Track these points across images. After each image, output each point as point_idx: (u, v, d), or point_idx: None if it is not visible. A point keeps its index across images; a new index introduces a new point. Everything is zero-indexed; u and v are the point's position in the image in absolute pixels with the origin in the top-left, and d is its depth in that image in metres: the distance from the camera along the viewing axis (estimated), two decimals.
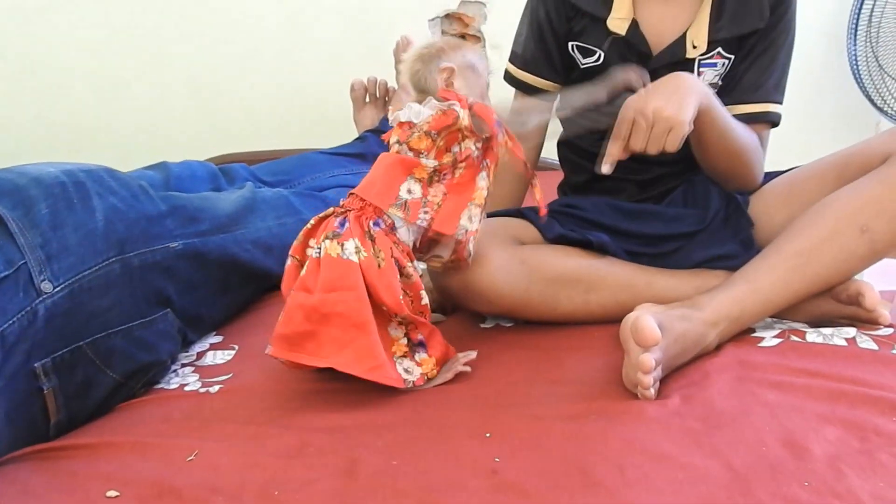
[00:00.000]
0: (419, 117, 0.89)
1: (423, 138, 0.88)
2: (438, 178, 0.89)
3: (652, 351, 0.81)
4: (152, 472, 0.76)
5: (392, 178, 0.88)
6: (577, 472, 0.70)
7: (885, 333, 0.92)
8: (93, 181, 0.95)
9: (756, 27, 1.08)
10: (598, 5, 1.09)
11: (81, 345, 0.88)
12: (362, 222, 0.86)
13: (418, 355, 0.88)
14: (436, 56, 0.92)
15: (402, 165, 0.89)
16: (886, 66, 1.84)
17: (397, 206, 0.87)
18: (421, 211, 0.88)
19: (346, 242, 0.84)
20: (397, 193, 0.88)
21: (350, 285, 0.83)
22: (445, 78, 0.91)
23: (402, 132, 0.90)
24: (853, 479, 0.65)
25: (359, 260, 0.84)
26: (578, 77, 1.16)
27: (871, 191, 0.94)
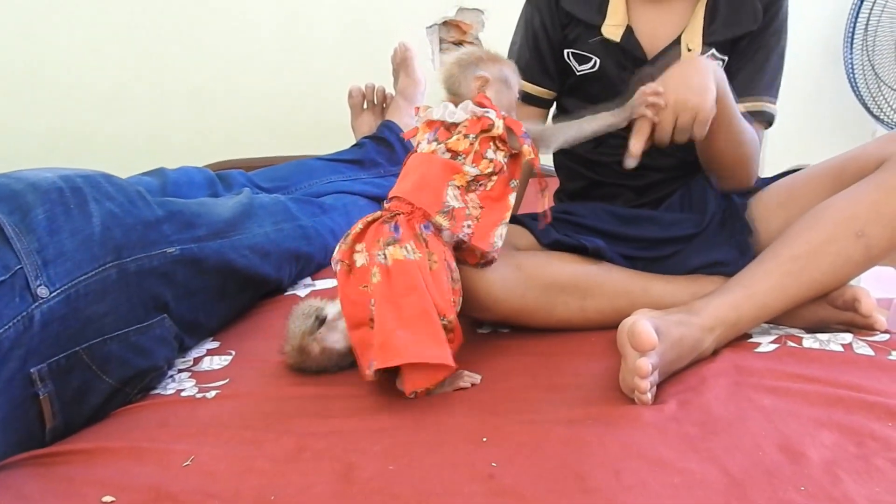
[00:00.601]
0: (453, 117, 0.89)
1: (461, 140, 0.88)
2: (475, 187, 0.89)
3: (649, 356, 0.81)
4: (148, 477, 0.75)
5: (439, 183, 0.88)
6: (573, 476, 0.70)
7: (882, 339, 0.92)
8: (90, 187, 0.95)
9: (749, 29, 1.08)
10: (593, 13, 1.10)
11: (78, 350, 0.88)
12: (413, 225, 0.87)
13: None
14: (473, 63, 0.94)
15: (447, 170, 0.89)
16: (883, 74, 1.85)
17: (444, 214, 0.88)
18: (465, 222, 0.88)
19: (408, 244, 0.85)
20: (444, 199, 0.88)
21: (417, 284, 0.84)
22: (479, 86, 0.92)
23: (441, 132, 0.90)
24: (849, 484, 0.65)
25: (415, 260, 0.85)
26: (574, 84, 1.16)
27: (867, 196, 0.94)
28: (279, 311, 1.19)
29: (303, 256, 1.28)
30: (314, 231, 1.31)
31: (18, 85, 1.97)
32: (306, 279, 1.32)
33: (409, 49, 1.72)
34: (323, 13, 1.94)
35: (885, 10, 1.81)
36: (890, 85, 1.86)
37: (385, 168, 1.59)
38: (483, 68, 0.94)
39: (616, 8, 1.09)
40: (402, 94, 1.71)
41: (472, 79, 0.93)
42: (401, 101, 1.70)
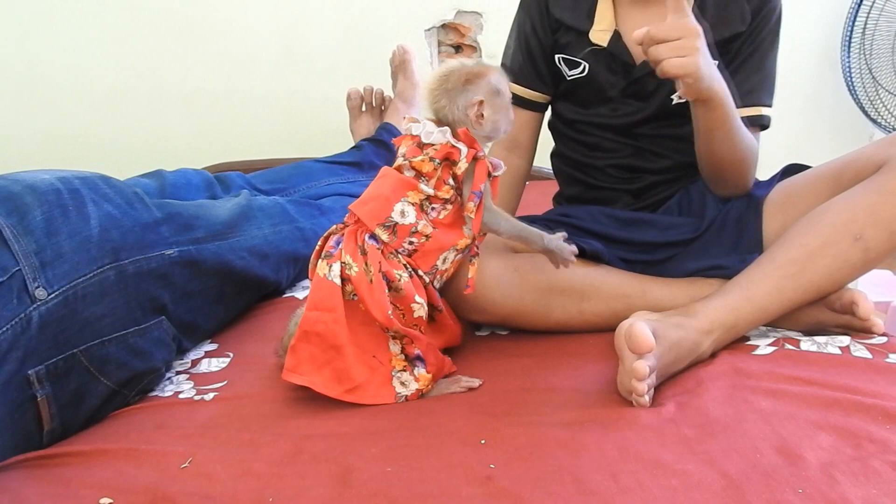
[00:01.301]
0: (429, 138, 0.89)
1: (427, 162, 0.88)
2: (428, 208, 0.89)
3: (646, 358, 0.81)
4: (146, 479, 0.75)
5: (387, 197, 0.88)
6: (571, 479, 0.70)
7: (879, 342, 0.92)
8: (88, 188, 0.95)
9: (738, 31, 1.08)
10: (582, 18, 1.10)
11: (75, 352, 0.87)
12: (357, 237, 0.87)
13: (417, 370, 0.89)
14: (461, 89, 0.90)
15: (401, 185, 0.89)
16: (880, 77, 1.86)
17: (385, 227, 0.88)
18: (407, 239, 0.88)
19: (334, 264, 0.86)
20: (389, 214, 0.88)
21: (330, 306, 0.86)
22: (476, 112, 0.90)
23: (413, 149, 0.90)
24: (847, 486, 0.65)
25: (351, 275, 0.85)
26: (566, 89, 1.16)
27: (865, 199, 0.95)
28: (277, 313, 1.19)
29: (301, 258, 1.28)
30: (312, 233, 1.30)
31: (17, 86, 1.97)
32: (304, 281, 1.31)
33: (408, 52, 1.72)
34: (322, 16, 1.94)
35: (882, 14, 1.81)
36: (887, 88, 1.86)
37: None
38: (473, 90, 0.90)
39: (603, 13, 1.10)
40: (400, 96, 1.71)
41: (467, 106, 0.90)
42: (399, 103, 1.71)
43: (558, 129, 1.23)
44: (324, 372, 0.86)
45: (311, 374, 0.86)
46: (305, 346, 0.86)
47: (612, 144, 1.15)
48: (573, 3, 1.12)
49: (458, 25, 1.98)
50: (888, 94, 1.87)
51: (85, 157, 1.76)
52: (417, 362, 0.89)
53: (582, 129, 1.18)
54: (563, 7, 1.12)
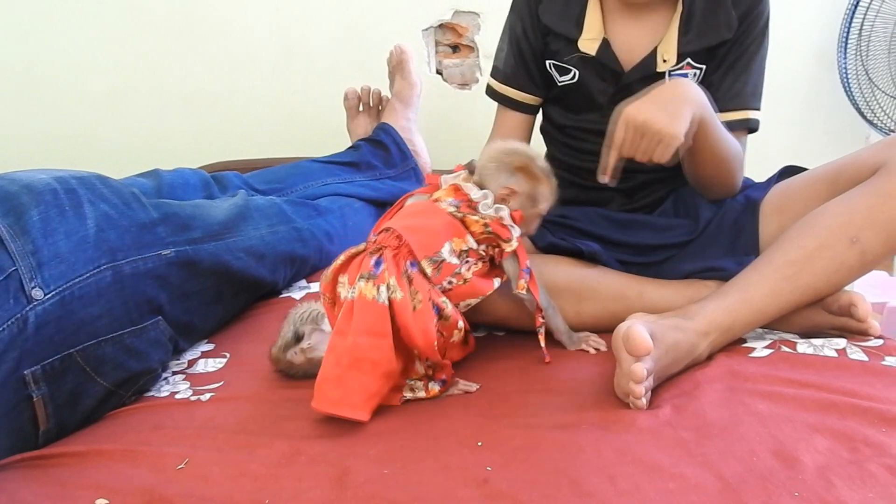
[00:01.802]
0: (486, 210, 0.89)
1: (478, 224, 0.89)
2: (466, 259, 0.89)
3: (643, 360, 0.81)
4: (142, 480, 0.75)
5: (438, 233, 0.87)
6: (568, 481, 0.70)
7: (875, 345, 0.92)
8: (84, 188, 0.95)
9: (724, 38, 1.08)
10: (571, 26, 1.10)
11: (72, 352, 0.87)
12: (399, 262, 0.84)
13: (432, 385, 0.88)
14: (509, 170, 0.92)
15: (451, 228, 0.88)
16: (876, 79, 1.86)
17: (431, 262, 0.86)
18: (448, 279, 0.88)
19: (382, 286, 0.82)
20: (438, 250, 0.87)
21: (384, 331, 0.82)
22: (505, 194, 0.91)
23: (465, 206, 0.90)
24: (843, 489, 0.66)
25: (395, 299, 0.82)
26: (557, 94, 1.16)
27: (863, 202, 0.95)
28: (274, 313, 1.19)
29: (298, 259, 1.28)
30: (309, 233, 1.30)
31: (15, 86, 1.96)
32: (301, 281, 1.31)
33: (405, 52, 1.72)
34: (321, 16, 1.94)
35: (878, 16, 1.81)
36: (884, 90, 1.87)
37: (381, 170, 1.59)
38: (516, 181, 0.91)
39: (592, 22, 1.09)
40: (397, 96, 1.71)
41: (501, 185, 0.91)
42: (396, 103, 1.70)
43: (549, 134, 1.24)
44: (374, 401, 0.83)
45: (363, 407, 0.82)
46: (357, 376, 0.81)
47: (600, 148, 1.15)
48: (562, 10, 1.11)
49: (455, 25, 1.98)
50: (884, 96, 1.87)
51: (84, 156, 1.75)
52: (435, 381, 0.89)
53: (573, 134, 1.18)
54: (553, 13, 1.12)
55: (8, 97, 1.96)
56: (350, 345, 0.82)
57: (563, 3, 1.12)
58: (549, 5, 1.12)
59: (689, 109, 0.95)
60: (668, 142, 0.92)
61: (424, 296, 0.84)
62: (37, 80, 1.95)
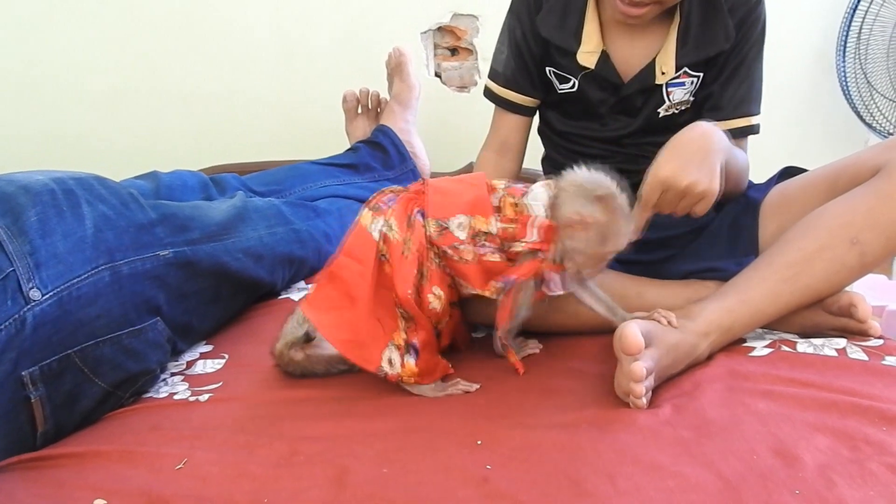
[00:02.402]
0: (528, 199, 0.87)
1: (511, 208, 0.87)
2: (480, 239, 0.88)
3: (643, 360, 0.81)
4: (140, 480, 0.75)
5: (459, 204, 0.87)
6: (567, 481, 0.70)
7: (875, 344, 0.92)
8: (82, 189, 0.95)
9: (721, 49, 1.08)
10: (569, 39, 1.10)
11: (70, 353, 0.87)
12: (409, 206, 0.87)
13: (407, 358, 0.88)
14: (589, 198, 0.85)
15: (479, 204, 0.87)
16: (875, 83, 1.86)
17: (437, 224, 0.87)
18: (447, 247, 0.87)
19: (379, 219, 0.87)
20: (450, 217, 0.87)
21: (362, 258, 0.86)
22: (575, 221, 0.85)
23: (510, 195, 0.89)
24: (843, 488, 0.65)
25: (390, 238, 0.86)
26: (556, 99, 1.16)
27: (862, 203, 0.95)
28: (273, 314, 1.19)
29: (296, 260, 1.27)
30: (308, 235, 1.30)
31: (14, 88, 1.96)
32: (300, 283, 1.31)
33: (404, 54, 1.72)
34: (319, 18, 1.94)
35: (877, 19, 1.82)
36: (882, 93, 1.87)
37: (379, 172, 1.59)
38: (591, 210, 0.85)
39: (590, 35, 1.09)
40: (396, 98, 1.71)
41: (574, 211, 0.85)
42: (395, 105, 1.70)
43: (548, 136, 1.23)
44: (332, 315, 0.87)
45: (320, 313, 0.87)
46: (327, 286, 0.88)
47: (601, 153, 1.15)
48: (559, 22, 1.11)
49: (454, 28, 1.98)
50: (883, 99, 1.87)
51: (83, 158, 1.76)
52: (411, 351, 0.88)
53: (572, 139, 1.18)
54: (550, 26, 1.11)
55: (7, 97, 1.96)
56: (334, 261, 0.88)
57: (559, 15, 1.11)
58: (547, 17, 1.11)
59: (720, 160, 0.94)
60: (710, 199, 0.92)
61: (415, 247, 0.86)
62: (36, 80, 1.95)
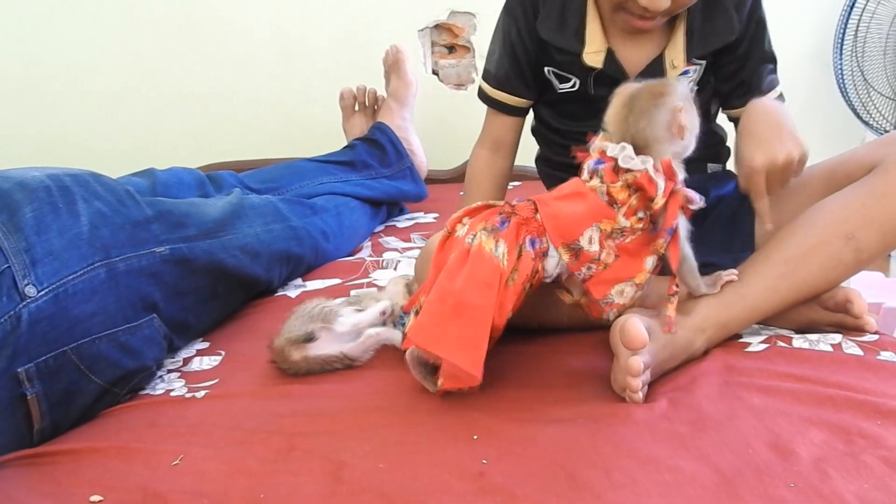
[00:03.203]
0: (627, 163, 0.84)
1: (624, 190, 0.84)
2: (617, 235, 0.86)
3: (641, 354, 0.81)
4: (137, 477, 0.75)
5: (581, 219, 0.85)
6: (564, 475, 0.70)
7: (871, 340, 0.92)
8: (78, 185, 0.95)
9: (727, 41, 1.08)
10: (572, 41, 1.09)
11: (66, 350, 0.87)
12: (520, 233, 0.83)
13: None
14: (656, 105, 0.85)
15: (598, 211, 0.85)
16: (872, 80, 1.87)
17: (568, 249, 0.84)
18: (586, 265, 0.85)
19: (501, 240, 0.82)
20: (577, 238, 0.84)
21: (493, 283, 0.81)
22: (678, 122, 0.84)
23: (609, 172, 0.85)
24: (838, 480, 0.66)
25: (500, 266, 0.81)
26: (554, 99, 1.16)
27: (858, 199, 0.95)
28: (269, 312, 1.19)
29: (293, 257, 1.27)
30: (305, 232, 1.30)
31: (13, 88, 1.96)
32: (297, 280, 1.31)
33: (401, 51, 1.72)
34: (319, 17, 1.95)
35: (874, 17, 1.82)
36: (879, 90, 1.87)
37: (376, 170, 1.59)
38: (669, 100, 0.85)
39: (594, 34, 1.08)
40: (393, 96, 1.71)
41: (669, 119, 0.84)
42: (392, 103, 1.71)
43: (543, 136, 1.23)
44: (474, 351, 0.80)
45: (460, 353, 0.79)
46: (456, 320, 0.79)
47: None
48: (559, 24, 1.10)
49: (451, 26, 1.98)
50: (880, 97, 1.87)
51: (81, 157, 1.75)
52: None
53: (571, 137, 1.17)
54: (551, 29, 1.10)
55: (5, 98, 1.96)
56: (458, 288, 0.80)
57: (559, 17, 1.10)
58: (546, 20, 1.10)
59: (791, 121, 0.98)
60: (806, 158, 0.96)
61: (521, 279, 0.83)
62: (34, 81, 1.96)
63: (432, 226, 1.56)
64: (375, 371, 0.95)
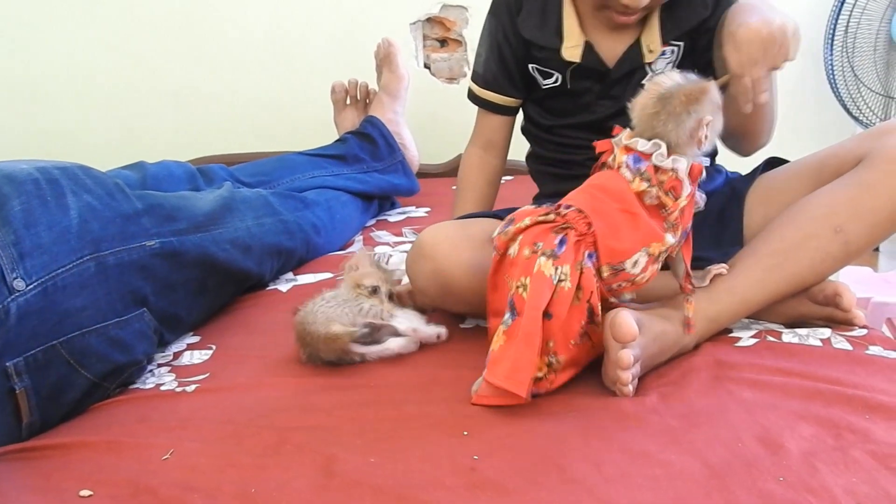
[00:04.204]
0: (662, 161, 0.84)
1: (668, 198, 0.85)
2: (662, 255, 0.87)
3: (631, 347, 0.81)
4: (127, 471, 0.75)
5: (634, 245, 0.84)
6: (554, 468, 0.70)
7: (859, 334, 0.93)
8: (67, 178, 0.94)
9: (702, 17, 1.07)
10: (551, 36, 1.09)
11: (55, 344, 0.86)
12: (580, 249, 0.83)
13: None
14: (687, 111, 0.85)
15: (650, 235, 0.84)
16: (862, 76, 1.87)
17: (611, 268, 0.84)
18: (619, 283, 0.86)
19: (560, 268, 0.81)
20: (624, 260, 0.84)
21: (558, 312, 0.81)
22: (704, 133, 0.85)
23: (650, 168, 0.85)
24: (827, 474, 0.66)
25: (562, 288, 0.81)
26: (541, 96, 1.16)
27: (846, 192, 0.95)
28: (261, 306, 1.18)
29: (284, 251, 1.27)
30: (296, 226, 1.30)
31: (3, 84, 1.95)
32: (288, 274, 1.30)
33: (393, 45, 1.71)
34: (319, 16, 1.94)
35: (864, 13, 1.83)
36: (869, 86, 1.88)
37: (368, 163, 1.58)
38: (699, 110, 0.85)
39: (571, 29, 1.09)
40: (385, 89, 1.71)
41: (696, 128, 0.85)
42: (384, 96, 1.70)
43: (532, 133, 1.23)
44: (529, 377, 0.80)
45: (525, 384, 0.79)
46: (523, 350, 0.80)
47: (588, 141, 1.15)
48: (540, 23, 1.10)
49: (443, 19, 1.97)
50: (870, 92, 1.88)
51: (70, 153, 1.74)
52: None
53: (560, 133, 1.18)
54: (532, 27, 1.11)
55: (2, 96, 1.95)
56: (526, 319, 0.80)
57: (539, 16, 1.11)
58: (528, 19, 1.11)
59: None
60: (798, 35, 0.91)
61: (585, 296, 0.83)
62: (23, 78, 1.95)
63: (424, 220, 1.55)
64: (367, 366, 0.95)
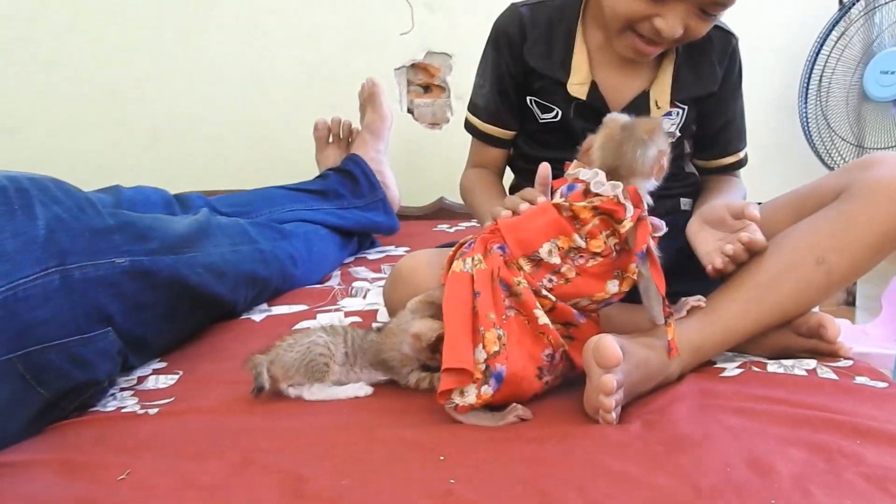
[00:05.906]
0: (598, 188, 0.86)
1: (586, 210, 0.86)
2: (574, 255, 0.87)
3: (614, 373, 0.79)
4: (77, 492, 0.70)
5: (539, 232, 0.87)
6: (535, 493, 0.67)
7: (845, 365, 0.91)
8: (37, 189, 0.91)
9: (710, 91, 1.12)
10: (558, 69, 1.10)
11: (12, 357, 0.82)
12: (487, 244, 0.87)
13: (484, 388, 0.80)
14: (649, 142, 0.88)
15: (555, 226, 0.86)
16: (835, 126, 1.91)
17: (529, 260, 0.86)
18: (547, 277, 0.86)
19: (469, 258, 0.86)
20: (537, 249, 0.86)
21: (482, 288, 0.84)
22: (661, 162, 0.89)
23: (577, 194, 0.88)
24: (821, 497, 0.63)
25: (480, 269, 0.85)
26: (536, 129, 1.16)
27: (827, 224, 0.95)
28: (232, 334, 1.15)
29: (259, 280, 1.24)
30: (272, 255, 1.27)
31: None
32: (262, 305, 1.27)
33: (377, 84, 1.72)
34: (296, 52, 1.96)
35: (839, 62, 1.88)
36: (842, 136, 1.92)
37: (348, 200, 1.57)
38: (658, 141, 0.89)
39: (580, 65, 1.09)
40: (368, 128, 1.71)
41: (657, 157, 0.89)
42: (367, 135, 1.70)
43: (519, 167, 1.23)
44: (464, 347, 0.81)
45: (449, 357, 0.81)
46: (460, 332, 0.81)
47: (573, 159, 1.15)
48: (546, 51, 1.11)
49: (427, 66, 2.00)
50: (843, 142, 1.92)
51: None
52: (492, 381, 0.80)
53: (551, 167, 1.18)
54: (538, 55, 1.11)
55: None
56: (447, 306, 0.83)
57: (545, 44, 1.11)
58: (534, 47, 1.11)
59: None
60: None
61: (495, 272, 0.85)
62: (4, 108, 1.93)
63: None
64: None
